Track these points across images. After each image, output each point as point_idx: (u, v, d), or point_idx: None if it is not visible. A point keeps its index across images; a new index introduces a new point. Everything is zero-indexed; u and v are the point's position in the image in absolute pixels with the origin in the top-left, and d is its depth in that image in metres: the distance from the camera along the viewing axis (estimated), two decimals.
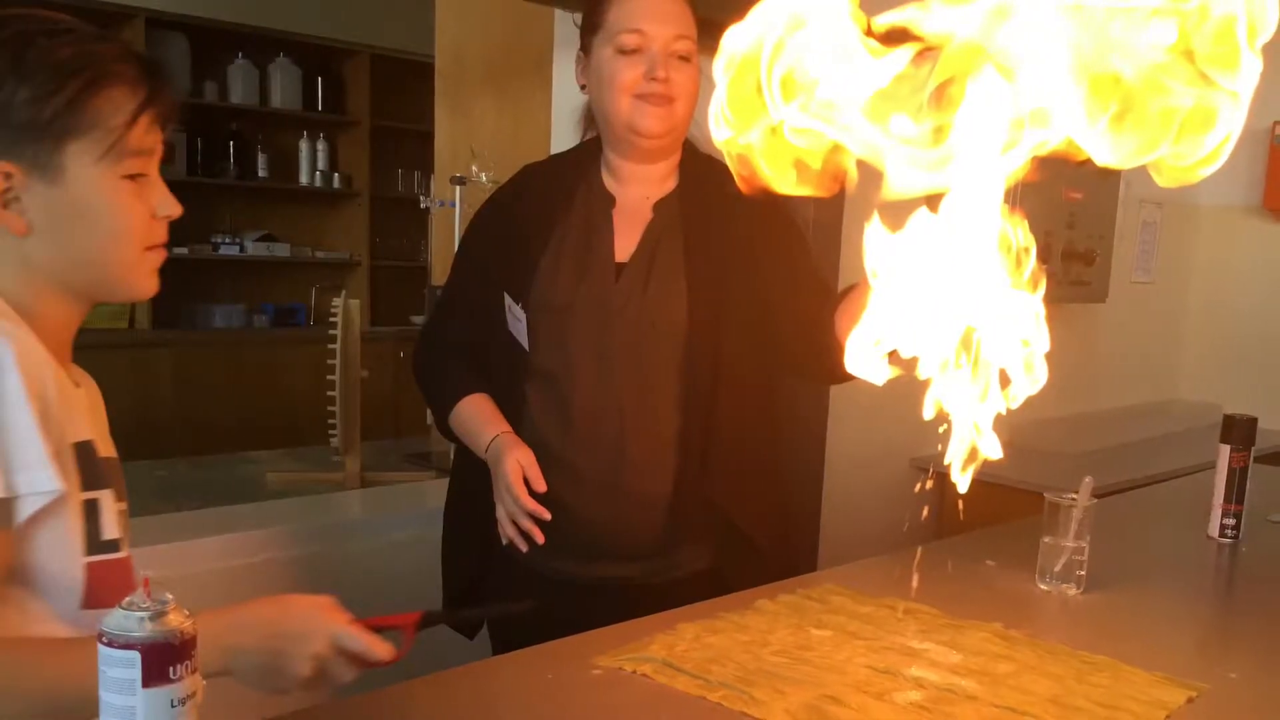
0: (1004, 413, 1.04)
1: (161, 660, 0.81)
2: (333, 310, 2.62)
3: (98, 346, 4.15)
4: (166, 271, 1.14)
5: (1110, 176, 3.33)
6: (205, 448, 3.50)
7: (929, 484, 2.69)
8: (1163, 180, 0.93)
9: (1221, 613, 1.74)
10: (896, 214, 1.00)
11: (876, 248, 1.02)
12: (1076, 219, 3.28)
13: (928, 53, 0.91)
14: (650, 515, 1.65)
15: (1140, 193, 3.69)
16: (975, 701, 1.18)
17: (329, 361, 2.61)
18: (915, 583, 1.54)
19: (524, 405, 1.67)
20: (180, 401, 4.70)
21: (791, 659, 1.28)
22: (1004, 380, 1.03)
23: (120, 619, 0.81)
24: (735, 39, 0.94)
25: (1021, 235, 1.01)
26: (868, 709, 1.15)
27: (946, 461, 1.07)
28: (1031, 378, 1.02)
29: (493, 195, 1.81)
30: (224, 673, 1.02)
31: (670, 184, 1.70)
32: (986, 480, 1.09)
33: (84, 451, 1.08)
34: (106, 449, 1.14)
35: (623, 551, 1.66)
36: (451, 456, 1.91)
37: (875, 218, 1.00)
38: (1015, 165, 0.95)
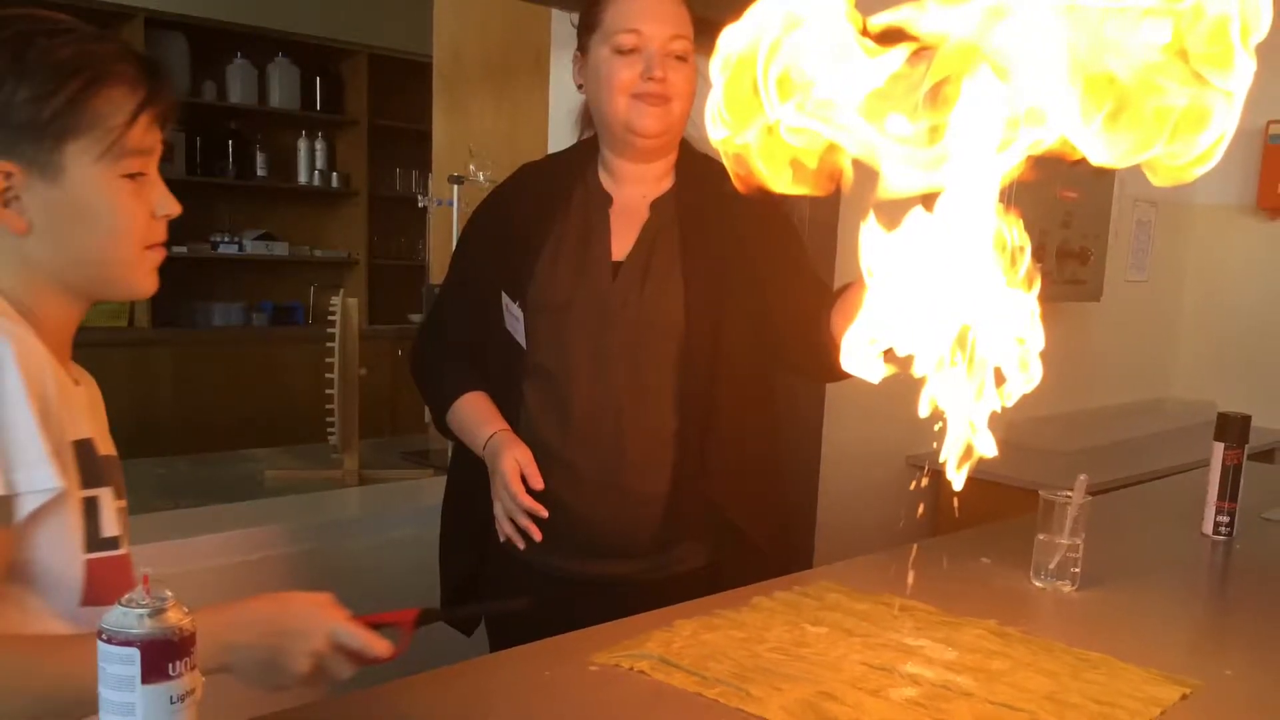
0: (999, 411, 1.05)
1: (160, 657, 0.81)
2: (331, 309, 2.63)
3: (97, 345, 4.15)
4: (166, 270, 1.15)
5: (1105, 176, 3.33)
6: (204, 445, 3.49)
7: (924, 481, 2.69)
8: (1157, 179, 0.94)
9: (1216, 610, 1.74)
10: (892, 213, 1.00)
11: (872, 246, 1.02)
12: (1071, 218, 3.29)
13: (923, 52, 0.91)
14: (648, 513, 1.65)
15: (1135, 192, 3.70)
16: (970, 698, 1.19)
17: (327, 360, 2.61)
18: (911, 580, 1.54)
19: (521, 404, 1.68)
20: (179, 400, 4.71)
21: (787, 656, 1.28)
22: (999, 378, 1.03)
23: (119, 616, 0.81)
24: (732, 38, 0.94)
25: (1016, 234, 1.01)
26: (863, 705, 1.16)
27: (942, 459, 1.07)
28: (1026, 376, 1.02)
29: (490, 194, 1.81)
30: (223, 669, 1.03)
31: (667, 183, 1.71)
32: (981, 478, 1.10)
33: (83, 449, 1.08)
34: (106, 447, 1.14)
35: (620, 549, 1.66)
36: (449, 454, 1.92)
37: (871, 216, 1.00)
38: (1010, 164, 0.95)
